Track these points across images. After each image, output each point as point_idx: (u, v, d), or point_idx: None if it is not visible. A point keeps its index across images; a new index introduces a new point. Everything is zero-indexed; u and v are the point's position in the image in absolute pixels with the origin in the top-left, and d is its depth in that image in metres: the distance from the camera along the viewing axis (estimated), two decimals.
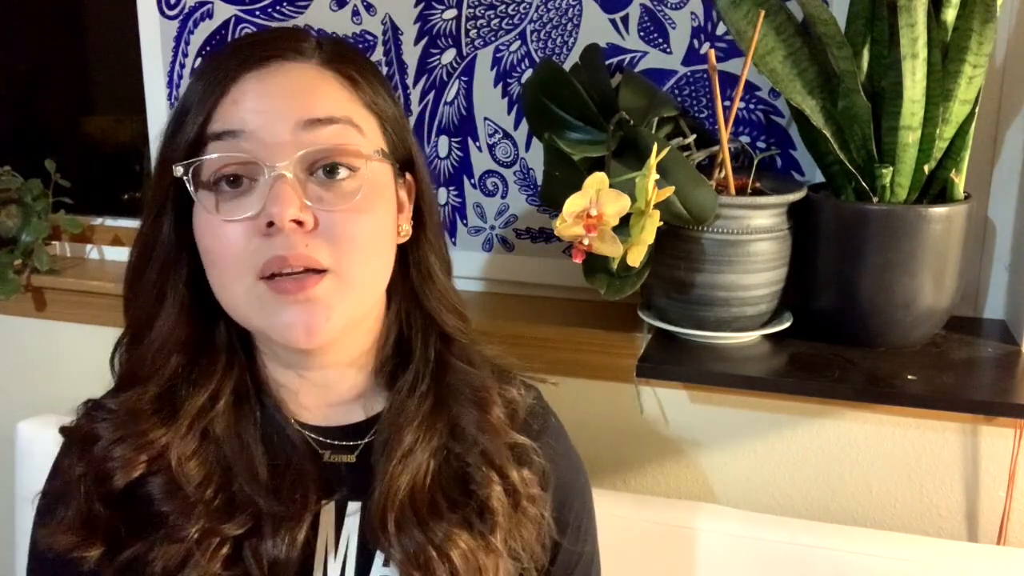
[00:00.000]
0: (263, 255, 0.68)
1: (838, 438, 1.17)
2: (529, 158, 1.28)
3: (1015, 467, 1.11)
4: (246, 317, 0.72)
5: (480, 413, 0.78)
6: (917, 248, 1.00)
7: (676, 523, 1.11)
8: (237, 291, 0.70)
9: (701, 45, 1.19)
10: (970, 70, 0.98)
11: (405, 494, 0.74)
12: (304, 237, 0.68)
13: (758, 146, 1.19)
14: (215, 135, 0.69)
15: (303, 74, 0.71)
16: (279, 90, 0.70)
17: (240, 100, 0.69)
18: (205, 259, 0.72)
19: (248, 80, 0.70)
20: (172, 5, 1.39)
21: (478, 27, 1.27)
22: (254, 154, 0.68)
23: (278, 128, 0.68)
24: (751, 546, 1.08)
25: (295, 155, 0.68)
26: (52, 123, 1.82)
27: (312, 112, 0.69)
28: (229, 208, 0.69)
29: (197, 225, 0.72)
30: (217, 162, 0.69)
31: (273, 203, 0.67)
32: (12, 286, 1.46)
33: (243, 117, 0.69)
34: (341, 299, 0.70)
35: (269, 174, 0.67)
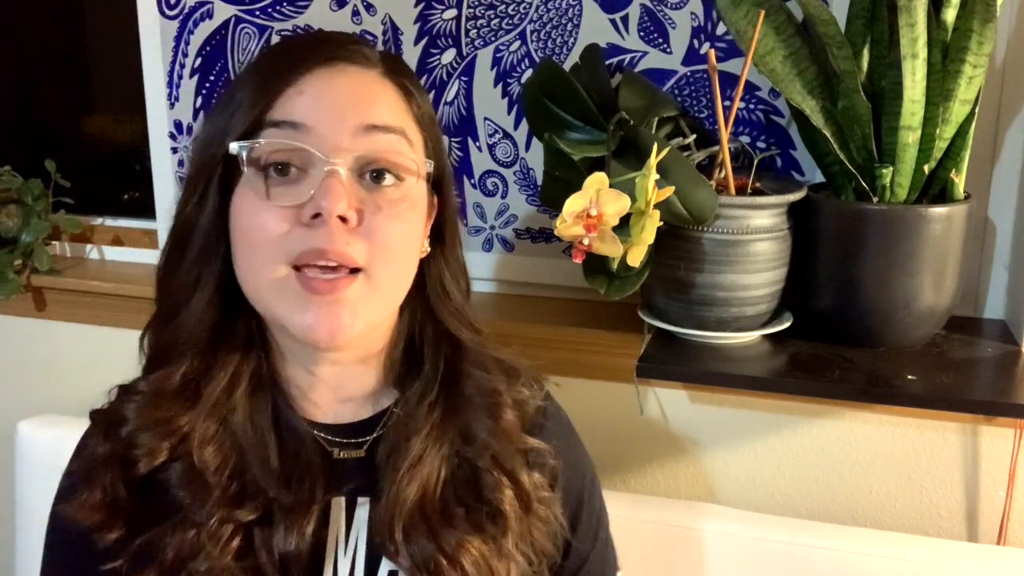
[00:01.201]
0: (301, 244, 0.69)
1: (838, 438, 1.17)
2: (529, 158, 1.28)
3: (1015, 467, 1.11)
4: (270, 307, 0.72)
5: (491, 419, 0.79)
6: (917, 248, 1.01)
7: (676, 523, 1.11)
8: (266, 278, 0.70)
9: (701, 45, 1.19)
10: (970, 70, 0.98)
11: (414, 504, 0.74)
12: (346, 234, 0.69)
13: (758, 146, 1.19)
14: (275, 122, 0.70)
15: (368, 80, 0.73)
16: (345, 91, 0.72)
17: (306, 92, 0.70)
18: (239, 242, 0.72)
19: (315, 75, 0.71)
20: (172, 5, 1.39)
21: (478, 27, 1.27)
22: (312, 146, 0.69)
23: (339, 127, 0.70)
24: (751, 546, 1.08)
25: (352, 155, 0.70)
26: (52, 123, 1.82)
27: (373, 118, 0.71)
28: (277, 194, 0.70)
29: (238, 207, 0.72)
30: (272, 146, 0.70)
31: (324, 195, 0.68)
32: (12, 286, 1.46)
33: (306, 109, 0.70)
34: (367, 302, 0.71)
35: (323, 167, 0.69)
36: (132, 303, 1.41)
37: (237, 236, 0.72)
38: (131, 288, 1.42)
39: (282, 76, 0.71)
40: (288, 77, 0.71)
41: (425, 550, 0.73)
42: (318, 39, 0.76)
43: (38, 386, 1.55)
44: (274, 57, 0.74)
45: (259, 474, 0.73)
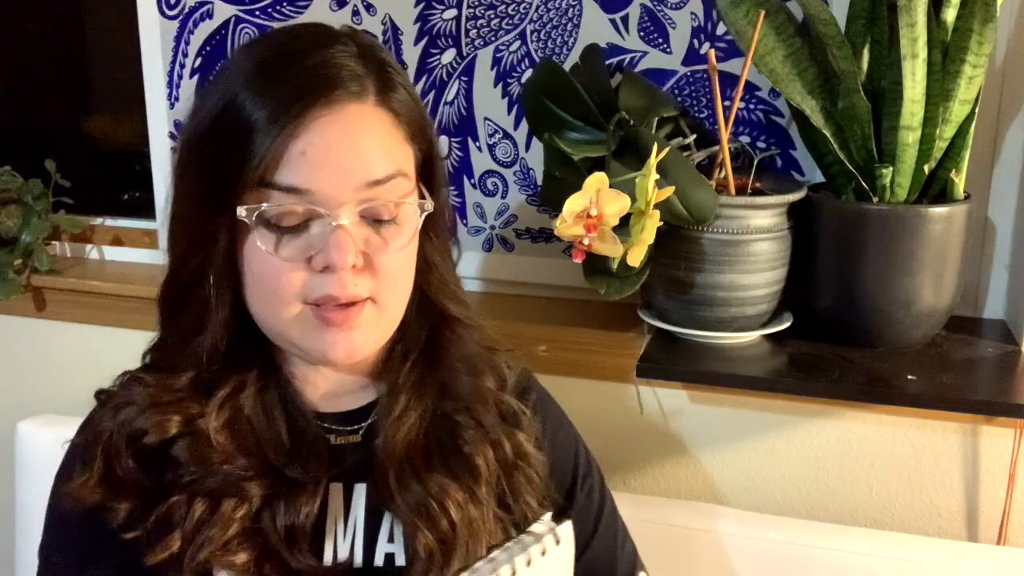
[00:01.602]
0: (314, 291, 0.73)
1: (838, 438, 1.17)
2: (529, 158, 1.28)
3: (1015, 467, 1.11)
4: (285, 336, 0.76)
5: (469, 377, 0.84)
6: (917, 248, 1.01)
7: (676, 523, 1.11)
8: (283, 316, 0.75)
9: (701, 45, 1.19)
10: (970, 70, 0.98)
11: (402, 450, 0.79)
12: (354, 276, 0.73)
13: (758, 146, 1.19)
14: (283, 187, 0.72)
15: (365, 122, 0.74)
16: (344, 148, 0.72)
17: (308, 152, 0.71)
18: (253, 283, 0.76)
19: (317, 127, 0.71)
20: (172, 5, 1.39)
21: (478, 27, 1.27)
22: (318, 206, 0.72)
23: (344, 188, 0.72)
24: (751, 546, 1.08)
25: (355, 209, 0.73)
26: (52, 123, 1.82)
27: (375, 173, 0.73)
28: (286, 247, 0.73)
29: (250, 254, 0.75)
30: (280, 209, 0.72)
31: (334, 250, 0.71)
32: (12, 286, 1.46)
33: (310, 175, 0.71)
34: (377, 324, 0.77)
35: (330, 222, 0.72)
36: (132, 303, 1.41)
37: (250, 278, 0.76)
38: (131, 288, 1.42)
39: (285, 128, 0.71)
40: (290, 130, 0.71)
41: (416, 495, 0.78)
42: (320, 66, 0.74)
43: (38, 386, 1.55)
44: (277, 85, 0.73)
45: (273, 455, 0.77)
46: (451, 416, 0.82)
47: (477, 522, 0.78)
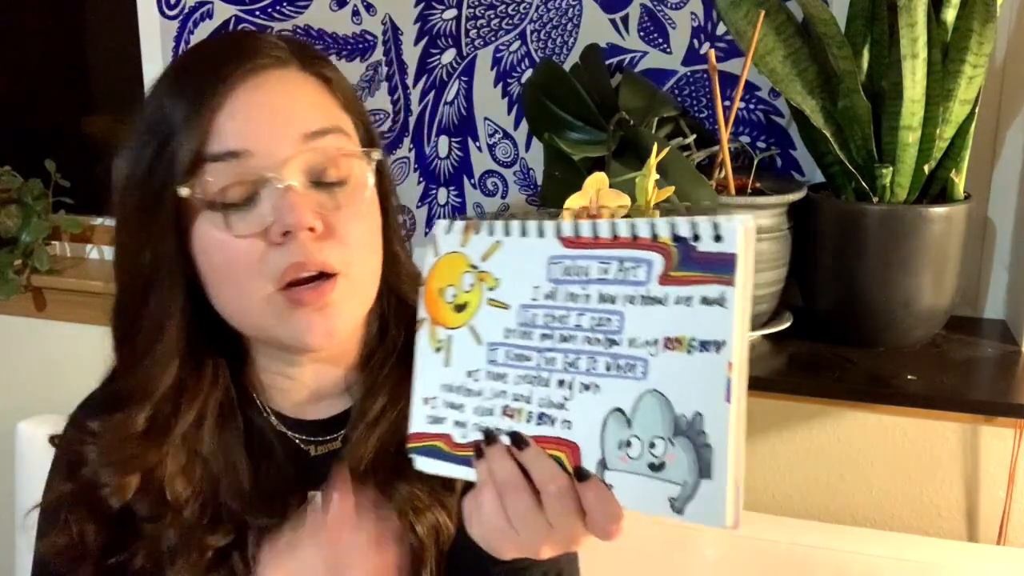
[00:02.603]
0: (279, 264, 0.69)
1: (838, 438, 1.17)
2: (529, 158, 1.28)
3: (1015, 467, 1.11)
4: (261, 328, 0.73)
5: None
6: (917, 248, 1.00)
7: (676, 523, 1.11)
8: (254, 303, 0.71)
9: (701, 45, 1.19)
10: (970, 70, 0.98)
11: (368, 461, 0.76)
12: (316, 242, 0.69)
13: (758, 146, 1.19)
14: (217, 156, 0.69)
15: (291, 83, 0.72)
16: (276, 103, 0.71)
17: (238, 115, 0.69)
18: (213, 277, 0.72)
19: (241, 92, 0.70)
20: (172, 5, 1.39)
21: (478, 27, 1.27)
22: (261, 170, 0.69)
23: (282, 143, 0.69)
24: (751, 546, 1.08)
25: (299, 166, 0.70)
26: (52, 123, 1.82)
27: (309, 125, 0.71)
28: (239, 223, 0.70)
29: (203, 244, 0.71)
30: (221, 181, 0.69)
31: (288, 213, 0.68)
32: (12, 286, 1.46)
33: (244, 135, 0.69)
34: (352, 299, 0.73)
35: (276, 185, 0.69)
36: None
37: (209, 271, 0.72)
38: None
39: (208, 101, 0.69)
40: (214, 101, 0.69)
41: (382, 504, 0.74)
42: (231, 47, 0.74)
43: (38, 386, 1.55)
44: (193, 75, 0.72)
45: (232, 501, 0.74)
46: None
47: (446, 528, 0.75)
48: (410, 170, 1.34)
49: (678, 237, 0.54)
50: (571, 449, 0.56)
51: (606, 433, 0.54)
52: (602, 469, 0.55)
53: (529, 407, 0.58)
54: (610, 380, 0.55)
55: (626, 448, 0.53)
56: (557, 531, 0.57)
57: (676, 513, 0.52)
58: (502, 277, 0.60)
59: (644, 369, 0.53)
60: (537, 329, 0.58)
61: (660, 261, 0.54)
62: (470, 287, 0.61)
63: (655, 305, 0.53)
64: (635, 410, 0.53)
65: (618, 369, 0.54)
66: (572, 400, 0.56)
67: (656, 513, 0.53)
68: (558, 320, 0.57)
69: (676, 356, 0.52)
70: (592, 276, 0.56)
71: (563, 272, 0.57)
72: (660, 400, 0.52)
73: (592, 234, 0.56)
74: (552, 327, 0.57)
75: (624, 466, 0.54)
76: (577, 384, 0.56)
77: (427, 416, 0.63)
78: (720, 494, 0.50)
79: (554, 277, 0.57)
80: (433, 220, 1.35)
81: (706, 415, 0.51)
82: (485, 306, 0.60)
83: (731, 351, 0.51)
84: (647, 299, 0.54)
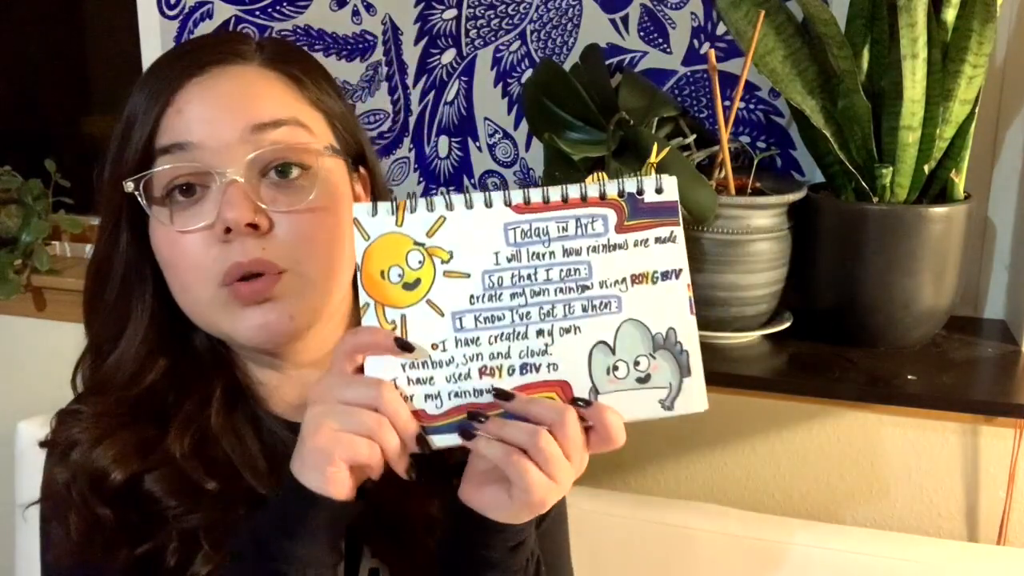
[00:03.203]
0: (222, 263, 0.68)
1: (838, 438, 1.17)
2: (529, 158, 1.28)
3: (1015, 467, 1.11)
4: (210, 323, 0.72)
5: None
6: (917, 248, 1.00)
7: (676, 523, 1.11)
8: (200, 299, 0.71)
9: (701, 45, 1.19)
10: (970, 70, 0.98)
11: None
12: (260, 240, 0.68)
13: (758, 146, 1.19)
14: (163, 149, 0.69)
15: (245, 77, 0.71)
16: (223, 96, 0.70)
17: (185, 109, 0.69)
18: (166, 271, 0.72)
19: (191, 88, 0.69)
20: (172, 5, 1.39)
21: (478, 27, 1.27)
22: (204, 162, 0.68)
23: (225, 134, 0.68)
24: (751, 546, 1.08)
25: (245, 159, 0.68)
26: (52, 123, 1.82)
27: (258, 116, 0.69)
28: (184, 218, 0.69)
29: (154, 238, 0.72)
30: (168, 174, 0.69)
31: (227, 208, 0.67)
32: (12, 286, 1.46)
33: (189, 127, 0.69)
34: (301, 297, 0.70)
35: (220, 180, 0.68)
36: None
37: (162, 264, 0.72)
38: None
39: (160, 96, 0.69)
40: (163, 97, 0.69)
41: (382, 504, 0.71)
42: (192, 48, 0.74)
43: (38, 386, 1.55)
44: (151, 78, 0.72)
45: (250, 477, 0.72)
46: None
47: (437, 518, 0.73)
48: (410, 170, 1.34)
49: (624, 193, 0.63)
50: (561, 387, 0.62)
51: (593, 364, 0.62)
52: (595, 394, 0.62)
53: (509, 361, 0.63)
54: (588, 320, 0.63)
55: (614, 372, 0.62)
56: (575, 463, 0.62)
57: (666, 410, 0.63)
58: (454, 249, 0.63)
59: (618, 304, 0.63)
60: (505, 290, 0.63)
61: (613, 214, 0.63)
62: (419, 264, 0.63)
63: (617, 251, 0.63)
64: (616, 338, 0.62)
65: (594, 308, 0.63)
66: (554, 344, 0.62)
67: (649, 415, 0.62)
68: (526, 278, 0.63)
69: (644, 288, 0.63)
70: (553, 235, 0.63)
71: (522, 235, 0.63)
72: (637, 325, 0.62)
73: (543, 199, 0.63)
74: (521, 284, 0.63)
75: (614, 387, 0.62)
76: (557, 329, 0.63)
77: None
78: (699, 384, 0.63)
79: (514, 241, 0.63)
80: None
81: (678, 328, 0.63)
82: (441, 279, 0.63)
83: (686, 275, 0.63)
84: (608, 247, 0.63)
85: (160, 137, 0.69)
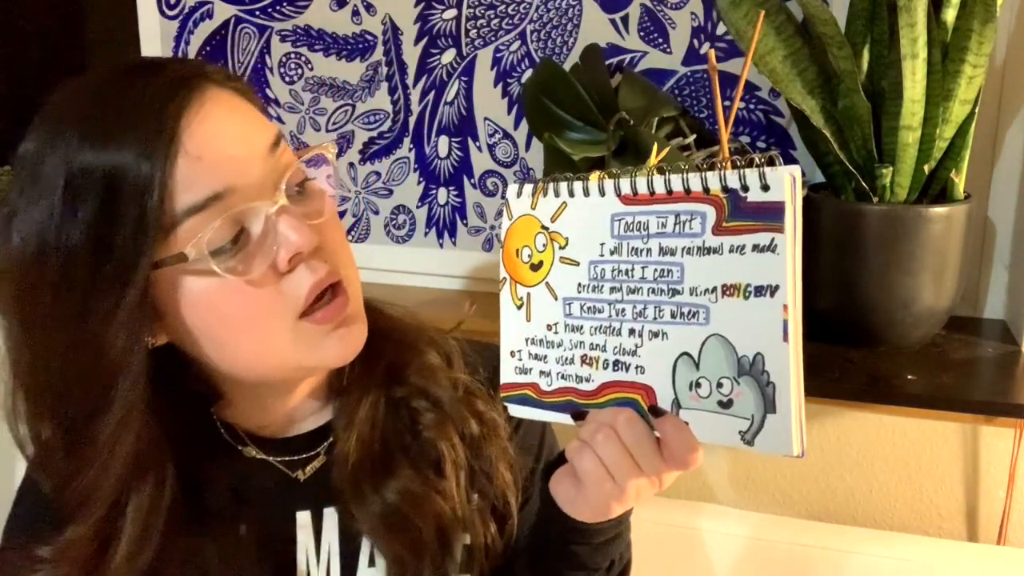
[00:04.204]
0: (298, 292, 0.64)
1: (838, 438, 1.17)
2: (529, 158, 1.28)
3: (1015, 467, 1.11)
4: (281, 365, 0.67)
5: (416, 357, 0.77)
6: (917, 248, 1.00)
7: (676, 523, 1.11)
8: (281, 341, 0.65)
9: (701, 45, 1.19)
10: (970, 70, 0.98)
11: (356, 459, 0.73)
12: (317, 255, 0.66)
13: (758, 146, 1.19)
14: (198, 205, 0.61)
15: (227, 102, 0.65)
16: (231, 128, 0.64)
17: (202, 153, 0.61)
18: (221, 333, 0.65)
19: (194, 125, 0.62)
20: (172, 5, 1.39)
21: (478, 27, 1.27)
22: (246, 201, 0.63)
23: (254, 168, 0.64)
24: (751, 546, 1.08)
25: (280, 183, 0.64)
26: None
27: (267, 137, 0.65)
28: (244, 267, 0.63)
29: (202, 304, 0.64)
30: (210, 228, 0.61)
31: (294, 233, 0.63)
32: None
33: (220, 172, 0.62)
34: (359, 298, 0.70)
35: (269, 211, 0.63)
36: None
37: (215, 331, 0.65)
38: None
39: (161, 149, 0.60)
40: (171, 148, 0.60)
41: (375, 506, 0.72)
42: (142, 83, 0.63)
43: None
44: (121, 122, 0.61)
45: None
46: (407, 403, 0.76)
47: (447, 517, 0.73)
48: (410, 170, 1.34)
49: (727, 188, 0.56)
50: (646, 391, 0.60)
51: (677, 375, 0.59)
52: (676, 408, 0.59)
53: (604, 355, 0.62)
54: (676, 327, 0.59)
55: (696, 388, 0.58)
56: (644, 469, 0.61)
57: (747, 444, 0.56)
58: (570, 236, 0.63)
59: (706, 315, 0.57)
60: (606, 283, 0.62)
61: (712, 213, 0.57)
62: (543, 247, 0.65)
63: (711, 255, 0.57)
64: (701, 353, 0.57)
65: (682, 316, 0.58)
66: (643, 347, 0.60)
67: (729, 444, 0.57)
68: (624, 273, 0.61)
69: (734, 302, 0.56)
70: (652, 231, 0.59)
71: (625, 228, 0.60)
72: (723, 343, 0.56)
73: (648, 190, 0.59)
74: (619, 280, 0.61)
75: (696, 404, 0.58)
76: (647, 332, 0.60)
77: (515, 368, 0.68)
78: (786, 426, 0.55)
79: (617, 233, 0.61)
80: (499, 197, 1.35)
81: (767, 355, 0.56)
82: (558, 264, 0.64)
83: (785, 294, 0.56)
84: (703, 250, 0.57)
85: (186, 193, 0.61)
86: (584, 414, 0.64)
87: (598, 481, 0.62)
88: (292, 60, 1.36)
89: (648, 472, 0.61)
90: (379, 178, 1.36)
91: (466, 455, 0.76)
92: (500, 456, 0.78)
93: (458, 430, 0.76)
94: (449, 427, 0.76)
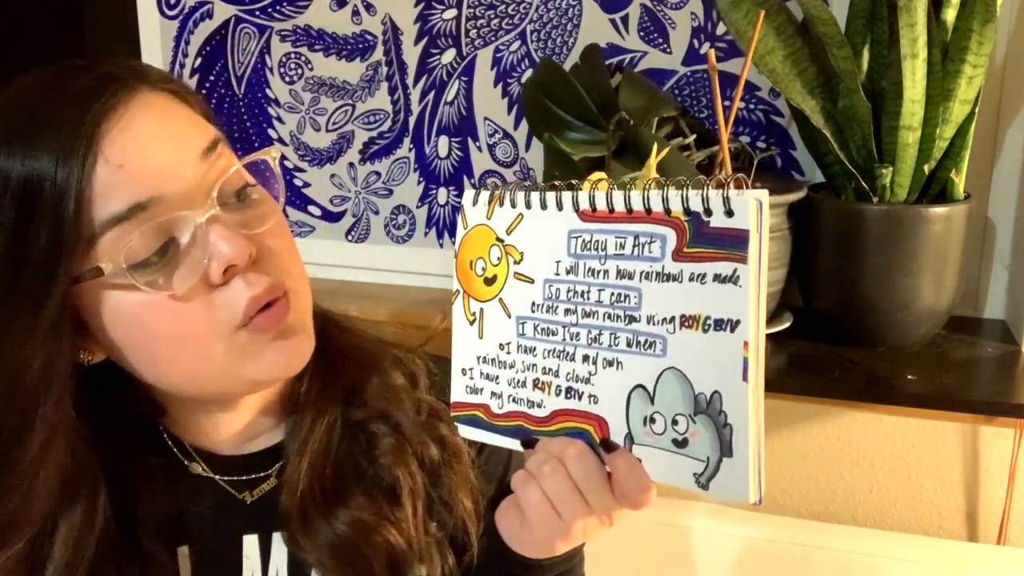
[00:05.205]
0: (235, 305, 0.61)
1: (838, 438, 1.17)
2: (529, 158, 1.28)
3: (1015, 467, 1.11)
4: (219, 378, 0.64)
5: (377, 377, 0.74)
6: (917, 248, 1.00)
7: (675, 523, 1.11)
8: (215, 358, 0.62)
9: (701, 45, 1.19)
10: (970, 70, 0.98)
11: (306, 486, 0.69)
12: (258, 266, 0.62)
13: (758, 146, 1.19)
14: (120, 216, 0.58)
15: (156, 106, 0.62)
16: (156, 131, 0.60)
17: (125, 162, 0.58)
18: (151, 349, 0.62)
19: (116, 135, 0.59)
20: (172, 5, 1.39)
21: (478, 27, 1.27)
22: (174, 213, 0.59)
23: (183, 175, 0.60)
24: (751, 546, 1.08)
25: (212, 191, 0.61)
26: None
27: (198, 143, 0.62)
28: (169, 280, 0.60)
29: (127, 319, 0.61)
30: (133, 239, 0.58)
31: (225, 245, 0.60)
32: None
33: (144, 180, 0.58)
34: (305, 312, 0.67)
35: (199, 220, 0.60)
36: None
37: (143, 346, 0.62)
38: None
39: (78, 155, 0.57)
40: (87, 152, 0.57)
41: (325, 535, 0.68)
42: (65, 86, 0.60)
43: None
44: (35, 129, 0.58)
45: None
46: (365, 426, 0.72)
47: (399, 549, 0.70)
48: (410, 170, 1.34)
49: (690, 211, 0.52)
50: (599, 422, 0.57)
51: (631, 408, 0.55)
52: (630, 443, 0.55)
53: (557, 381, 0.59)
54: (632, 356, 0.55)
55: (651, 424, 0.54)
56: (593, 507, 0.58)
57: (701, 488, 0.52)
58: (525, 251, 0.60)
59: (663, 346, 0.53)
60: (561, 304, 0.58)
61: (673, 236, 0.53)
62: (498, 261, 0.62)
63: (670, 282, 0.53)
64: (657, 387, 0.54)
65: (638, 345, 0.54)
66: (597, 375, 0.57)
67: (682, 486, 0.53)
68: (580, 295, 0.57)
69: (692, 334, 0.52)
70: (610, 251, 0.55)
71: (582, 246, 0.57)
72: (680, 378, 0.53)
73: (608, 207, 0.56)
74: (575, 302, 0.57)
75: (649, 441, 0.55)
76: (601, 359, 0.56)
77: (465, 387, 0.64)
78: (742, 472, 0.50)
79: (574, 251, 0.57)
80: (453, 206, 1.35)
81: (725, 394, 0.51)
82: (512, 280, 0.60)
83: (747, 330, 0.50)
84: (662, 276, 0.53)
85: (106, 203, 0.57)
86: (534, 442, 0.60)
87: (543, 517, 0.58)
88: (292, 60, 1.36)
89: (597, 510, 0.58)
90: (379, 178, 1.36)
91: (425, 483, 0.73)
92: (461, 484, 0.74)
93: (417, 456, 0.72)
94: (408, 453, 0.72)
